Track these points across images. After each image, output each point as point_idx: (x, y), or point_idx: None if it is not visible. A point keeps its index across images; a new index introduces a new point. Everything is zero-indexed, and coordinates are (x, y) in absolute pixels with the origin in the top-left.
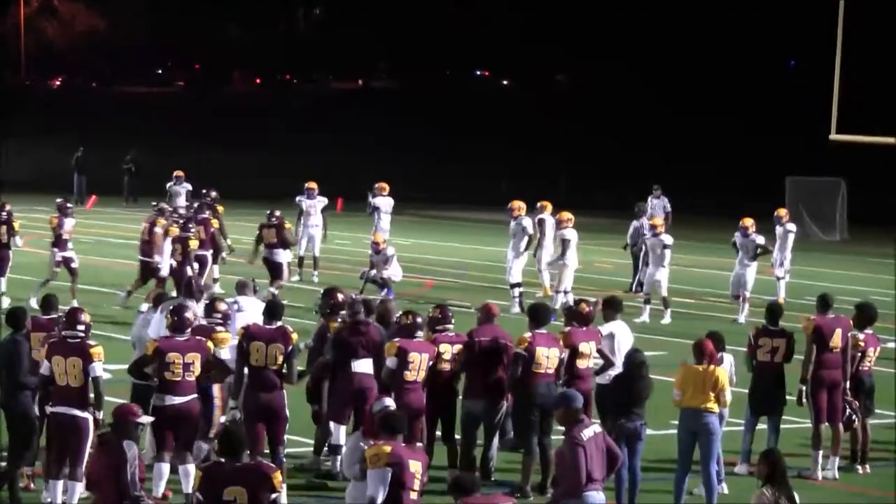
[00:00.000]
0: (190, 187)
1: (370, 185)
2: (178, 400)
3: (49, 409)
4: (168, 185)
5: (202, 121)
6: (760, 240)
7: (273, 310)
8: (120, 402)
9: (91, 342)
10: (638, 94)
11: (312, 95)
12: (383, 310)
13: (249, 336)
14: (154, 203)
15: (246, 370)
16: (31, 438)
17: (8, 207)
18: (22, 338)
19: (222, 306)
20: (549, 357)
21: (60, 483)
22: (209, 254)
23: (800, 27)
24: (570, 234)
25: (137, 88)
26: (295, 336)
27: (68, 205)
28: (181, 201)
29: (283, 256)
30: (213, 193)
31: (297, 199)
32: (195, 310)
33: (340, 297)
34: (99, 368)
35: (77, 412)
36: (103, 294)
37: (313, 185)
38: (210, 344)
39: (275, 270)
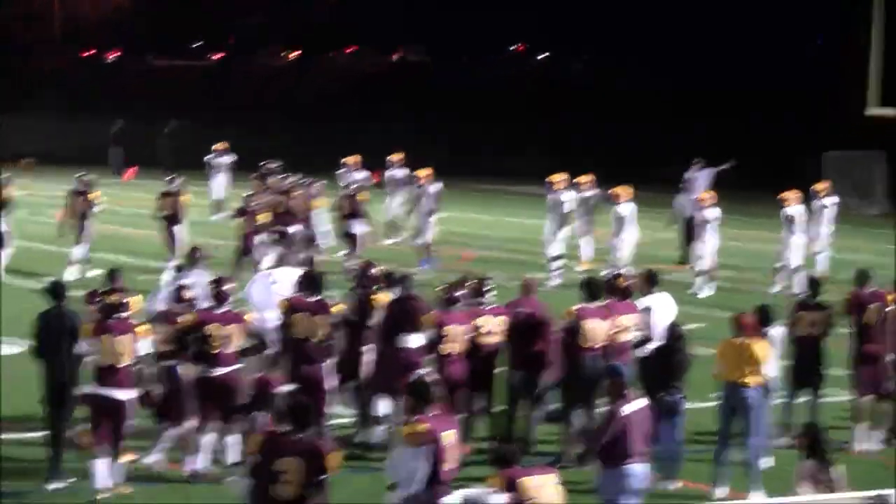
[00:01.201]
0: (234, 158)
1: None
2: (219, 371)
3: (89, 390)
4: (207, 157)
5: (237, 95)
6: (790, 211)
7: (313, 282)
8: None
9: (135, 321)
10: (671, 70)
11: (349, 69)
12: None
13: (291, 308)
14: (283, 175)
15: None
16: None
17: (87, 178)
18: (69, 311)
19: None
20: (596, 331)
21: (105, 461)
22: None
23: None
24: (623, 209)
25: (174, 62)
26: (335, 308)
27: (177, 179)
28: (223, 174)
29: (356, 227)
30: (273, 165)
31: (338, 173)
32: (204, 280)
33: (375, 270)
34: (146, 346)
35: (118, 393)
36: (135, 266)
37: (351, 160)
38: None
39: (349, 241)
